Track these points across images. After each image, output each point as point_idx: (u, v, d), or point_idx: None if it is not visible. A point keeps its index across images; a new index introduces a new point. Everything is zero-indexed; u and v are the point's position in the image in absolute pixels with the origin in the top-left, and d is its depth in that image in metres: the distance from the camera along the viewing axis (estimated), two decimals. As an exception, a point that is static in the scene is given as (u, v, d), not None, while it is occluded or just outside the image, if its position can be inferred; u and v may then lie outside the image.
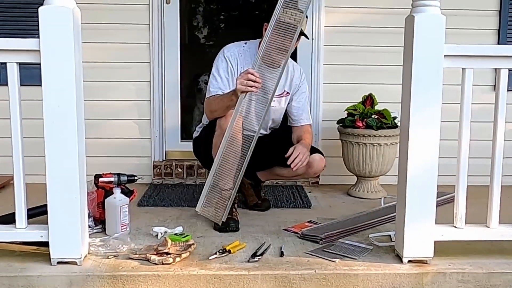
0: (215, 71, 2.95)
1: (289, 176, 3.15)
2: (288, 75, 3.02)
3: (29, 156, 2.32)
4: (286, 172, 3.07)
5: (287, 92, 3.05)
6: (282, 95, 3.03)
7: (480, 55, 2.27)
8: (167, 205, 3.31)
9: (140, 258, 2.30)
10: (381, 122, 3.47)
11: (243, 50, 2.98)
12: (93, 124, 3.51)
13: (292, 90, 3.07)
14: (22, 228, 2.27)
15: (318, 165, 3.03)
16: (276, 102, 2.99)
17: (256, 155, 2.89)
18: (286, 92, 3.05)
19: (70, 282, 2.15)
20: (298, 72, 3.10)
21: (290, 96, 3.08)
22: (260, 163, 3.09)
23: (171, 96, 3.93)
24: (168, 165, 3.91)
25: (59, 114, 2.14)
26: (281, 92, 3.01)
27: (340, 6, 3.83)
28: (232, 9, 5.30)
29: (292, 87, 3.07)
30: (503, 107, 2.30)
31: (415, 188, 2.24)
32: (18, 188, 2.24)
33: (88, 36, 2.83)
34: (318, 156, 3.04)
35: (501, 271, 2.26)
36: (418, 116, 2.21)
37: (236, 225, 2.76)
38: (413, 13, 2.19)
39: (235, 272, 2.21)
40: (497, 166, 2.32)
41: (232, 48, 2.99)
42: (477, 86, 2.38)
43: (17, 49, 2.16)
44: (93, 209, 2.70)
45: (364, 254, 2.40)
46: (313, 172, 3.07)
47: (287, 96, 3.06)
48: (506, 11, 3.84)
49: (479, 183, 2.58)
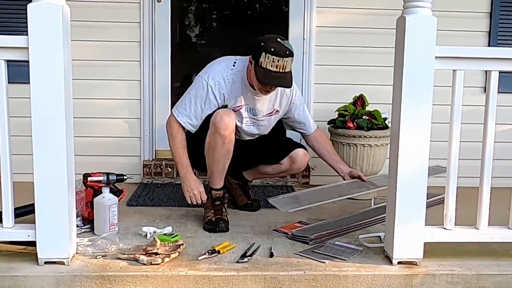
0: (192, 95, 2.83)
1: (274, 173, 3.20)
2: (278, 94, 2.94)
3: (16, 154, 2.29)
4: (271, 170, 3.12)
5: (277, 110, 2.98)
6: (272, 114, 2.99)
7: (471, 57, 2.27)
8: (157, 204, 3.29)
9: (129, 258, 2.28)
10: (372, 123, 3.47)
11: (232, 73, 2.83)
12: (82, 122, 3.49)
13: (283, 107, 3.01)
14: (9, 227, 2.25)
15: (302, 160, 3.06)
16: (265, 121, 2.98)
17: (241, 155, 2.90)
18: (276, 110, 2.98)
19: (57, 282, 2.13)
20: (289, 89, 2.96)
21: (284, 112, 3.04)
22: (245, 163, 3.11)
23: (162, 95, 3.92)
24: (158, 164, 3.89)
25: (47, 113, 2.12)
26: (271, 112, 2.97)
27: (332, 6, 3.82)
28: (225, 9, 5.28)
29: (283, 105, 3.00)
30: (493, 109, 2.30)
31: (405, 189, 2.24)
32: (5, 187, 2.22)
33: (78, 34, 2.80)
34: (302, 151, 3.06)
35: (490, 272, 2.27)
36: (409, 117, 2.21)
37: (225, 225, 2.75)
38: (405, 14, 2.19)
39: (224, 272, 2.20)
40: (487, 168, 2.32)
41: (217, 76, 2.81)
42: (467, 88, 2.38)
43: (5, 46, 2.14)
44: (81, 208, 2.68)
45: (354, 255, 2.40)
46: (297, 167, 3.10)
47: (277, 113, 3.00)
48: (497, 13, 3.86)
49: (469, 185, 2.58)
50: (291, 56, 2.68)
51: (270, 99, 2.92)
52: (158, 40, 3.86)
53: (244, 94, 2.85)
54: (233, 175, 3.18)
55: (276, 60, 2.64)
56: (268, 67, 2.66)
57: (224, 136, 2.72)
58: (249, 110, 2.90)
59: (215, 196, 2.90)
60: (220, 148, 2.76)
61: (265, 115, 2.95)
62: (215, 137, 2.74)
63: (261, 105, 2.91)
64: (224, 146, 2.75)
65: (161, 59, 3.89)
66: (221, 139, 2.73)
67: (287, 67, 2.68)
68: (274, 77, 2.68)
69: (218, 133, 2.72)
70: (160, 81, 3.90)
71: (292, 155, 3.03)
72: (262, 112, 2.93)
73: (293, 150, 3.04)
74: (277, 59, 2.64)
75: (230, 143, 2.77)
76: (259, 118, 2.94)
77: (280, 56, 2.64)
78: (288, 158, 3.05)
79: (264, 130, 3.05)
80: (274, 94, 2.91)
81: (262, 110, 2.93)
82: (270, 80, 2.70)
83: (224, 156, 2.79)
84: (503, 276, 2.26)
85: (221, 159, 2.80)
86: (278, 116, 3.03)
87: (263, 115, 2.95)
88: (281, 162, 3.07)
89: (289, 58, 2.68)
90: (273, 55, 2.64)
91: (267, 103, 2.93)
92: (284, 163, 3.07)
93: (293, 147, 3.07)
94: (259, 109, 2.92)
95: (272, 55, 2.64)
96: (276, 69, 2.66)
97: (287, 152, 3.05)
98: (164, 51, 3.89)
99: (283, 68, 2.66)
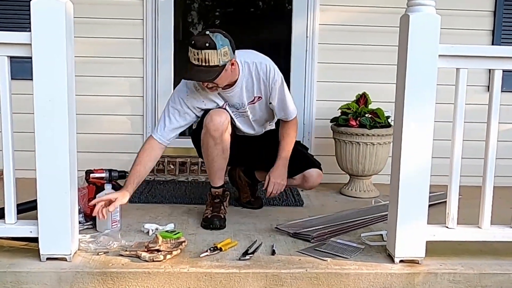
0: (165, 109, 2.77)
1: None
2: (254, 80, 2.78)
3: (19, 150, 2.30)
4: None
5: (258, 97, 2.83)
6: (254, 101, 2.85)
7: (474, 56, 2.26)
8: (159, 201, 3.29)
9: (131, 255, 2.28)
10: (375, 121, 3.46)
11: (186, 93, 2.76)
12: (85, 119, 3.49)
13: (263, 92, 2.82)
14: (11, 223, 2.25)
15: (315, 180, 3.02)
16: (249, 111, 2.88)
17: (256, 156, 2.89)
18: (258, 97, 2.83)
19: (59, 279, 2.13)
20: (265, 71, 2.78)
21: (267, 97, 2.86)
22: (259, 164, 3.09)
23: (164, 92, 3.90)
24: (160, 161, 3.88)
25: (50, 109, 2.12)
26: (252, 100, 2.85)
27: (335, 4, 3.82)
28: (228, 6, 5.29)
29: (262, 89, 2.81)
30: (496, 108, 2.29)
31: (408, 188, 2.24)
32: (7, 183, 2.22)
33: (81, 30, 2.82)
34: (316, 172, 3.01)
35: (492, 272, 2.26)
36: (412, 116, 2.20)
37: (220, 223, 2.73)
38: (408, 12, 2.18)
39: (226, 270, 2.20)
40: (489, 167, 2.32)
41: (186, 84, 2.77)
42: (470, 87, 2.37)
43: (8, 43, 2.13)
44: (83, 205, 2.68)
45: (355, 253, 2.39)
46: (309, 186, 3.07)
47: (260, 100, 2.84)
48: (501, 12, 3.85)
49: (471, 184, 2.59)
50: (212, 48, 2.50)
51: (247, 88, 2.79)
52: (161, 37, 3.86)
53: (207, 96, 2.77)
54: (246, 172, 3.17)
55: (195, 53, 2.51)
56: (191, 61, 2.54)
57: (215, 137, 2.70)
58: (230, 105, 2.84)
59: (214, 194, 2.91)
60: (213, 148, 2.75)
61: (248, 104, 2.84)
62: (207, 138, 2.73)
63: (238, 99, 2.81)
64: (216, 147, 2.74)
65: (164, 56, 3.89)
66: (213, 140, 2.72)
67: (210, 60, 2.51)
68: (195, 70, 2.54)
69: (209, 134, 2.71)
70: (163, 78, 3.90)
71: (306, 174, 2.98)
72: (243, 104, 2.83)
73: (307, 169, 2.99)
74: (196, 52, 2.50)
75: (223, 143, 2.75)
76: (242, 110, 2.87)
77: (197, 48, 2.50)
78: (301, 176, 3.01)
79: (259, 121, 2.97)
80: (251, 82, 2.78)
81: (242, 102, 2.83)
82: (189, 75, 2.60)
83: (219, 155, 2.78)
84: (505, 275, 2.26)
85: (216, 159, 2.79)
86: (263, 102, 2.87)
87: (246, 105, 2.84)
88: (294, 178, 3.02)
89: (209, 51, 2.50)
90: (191, 47, 2.52)
91: (245, 94, 2.80)
92: (297, 179, 3.02)
93: (308, 166, 3.02)
94: (238, 103, 2.82)
95: (191, 47, 2.52)
96: (198, 62, 2.52)
97: (301, 169, 3.00)
98: (167, 48, 3.89)
99: (205, 61, 2.51)
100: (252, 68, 2.77)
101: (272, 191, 2.87)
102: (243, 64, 2.75)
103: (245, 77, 2.77)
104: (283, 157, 2.90)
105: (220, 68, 2.56)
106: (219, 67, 2.55)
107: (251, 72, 2.77)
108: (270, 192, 2.88)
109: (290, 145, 2.94)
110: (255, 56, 2.82)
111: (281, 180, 2.88)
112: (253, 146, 2.99)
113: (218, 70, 2.56)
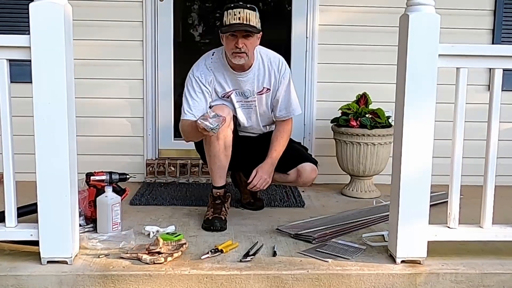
0: (186, 92, 2.86)
1: (282, 182, 3.13)
2: (266, 71, 2.89)
3: (19, 154, 2.29)
4: (278, 177, 3.04)
5: (267, 88, 2.92)
6: (262, 92, 2.92)
7: (474, 55, 2.26)
8: (160, 203, 3.28)
9: (132, 258, 2.28)
10: (375, 121, 3.46)
11: (212, 61, 2.88)
12: (85, 122, 3.48)
13: (273, 85, 2.92)
14: (12, 226, 2.25)
15: (308, 175, 2.99)
16: (256, 101, 2.93)
17: (253, 156, 2.89)
18: (267, 88, 2.92)
19: (60, 282, 2.13)
20: (277, 65, 2.91)
21: (274, 91, 2.94)
22: (256, 165, 3.07)
23: (165, 94, 3.91)
24: (161, 163, 3.88)
25: (49, 112, 2.12)
26: (261, 90, 2.92)
27: (334, 4, 3.81)
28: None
29: (272, 82, 2.91)
30: (497, 107, 2.29)
31: (409, 188, 2.23)
32: (8, 186, 2.22)
33: (80, 33, 2.81)
34: (309, 166, 3.00)
35: (494, 271, 2.26)
36: (412, 116, 2.20)
37: (221, 225, 2.73)
38: (408, 12, 2.18)
39: (227, 272, 2.19)
40: (491, 166, 2.31)
41: (199, 64, 2.89)
42: (471, 86, 2.37)
43: (7, 46, 2.14)
44: (84, 207, 2.68)
45: (357, 254, 2.39)
46: (302, 181, 3.03)
47: (268, 92, 2.94)
48: (501, 11, 3.84)
49: (472, 183, 2.58)
50: (253, 10, 2.70)
51: (258, 77, 2.88)
52: (161, 39, 3.86)
53: (228, 76, 2.85)
54: (245, 174, 3.18)
55: (237, 12, 2.67)
56: (231, 22, 2.67)
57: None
58: (239, 94, 2.89)
59: (215, 195, 2.91)
60: (215, 143, 2.76)
61: (256, 93, 2.90)
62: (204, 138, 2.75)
63: (250, 86, 2.88)
64: (219, 142, 2.75)
65: (164, 58, 3.88)
66: (215, 135, 2.72)
67: (250, 20, 2.68)
68: (237, 26, 2.68)
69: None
70: (163, 80, 3.90)
71: (299, 168, 2.98)
72: (253, 92, 2.89)
73: (301, 164, 2.98)
74: (238, 11, 2.66)
75: (226, 138, 2.77)
76: (251, 100, 2.91)
77: (239, 8, 2.67)
78: (295, 171, 3.00)
79: (263, 116, 2.99)
80: (262, 72, 2.88)
81: (253, 90, 2.89)
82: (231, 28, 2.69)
83: (220, 152, 2.78)
84: (508, 274, 2.25)
85: (218, 155, 2.79)
86: (270, 96, 2.94)
87: (255, 94, 2.90)
88: (288, 173, 3.01)
89: (250, 11, 2.69)
90: (232, 9, 2.68)
91: (256, 82, 2.88)
92: (291, 175, 3.01)
93: (302, 160, 3.01)
94: (250, 90, 2.89)
95: (231, 9, 2.68)
96: (239, 21, 2.66)
97: (294, 164, 2.99)
98: (167, 50, 3.89)
99: (246, 19, 2.67)
100: (266, 59, 2.91)
101: (257, 184, 2.87)
102: (258, 53, 2.88)
103: (259, 66, 2.89)
104: (273, 157, 2.93)
105: (257, 31, 2.74)
106: (257, 29, 2.73)
107: (264, 63, 2.90)
108: (254, 185, 2.87)
109: (282, 147, 2.96)
110: (269, 51, 2.96)
111: (267, 176, 2.88)
112: (253, 149, 2.99)
113: (256, 31, 2.73)
